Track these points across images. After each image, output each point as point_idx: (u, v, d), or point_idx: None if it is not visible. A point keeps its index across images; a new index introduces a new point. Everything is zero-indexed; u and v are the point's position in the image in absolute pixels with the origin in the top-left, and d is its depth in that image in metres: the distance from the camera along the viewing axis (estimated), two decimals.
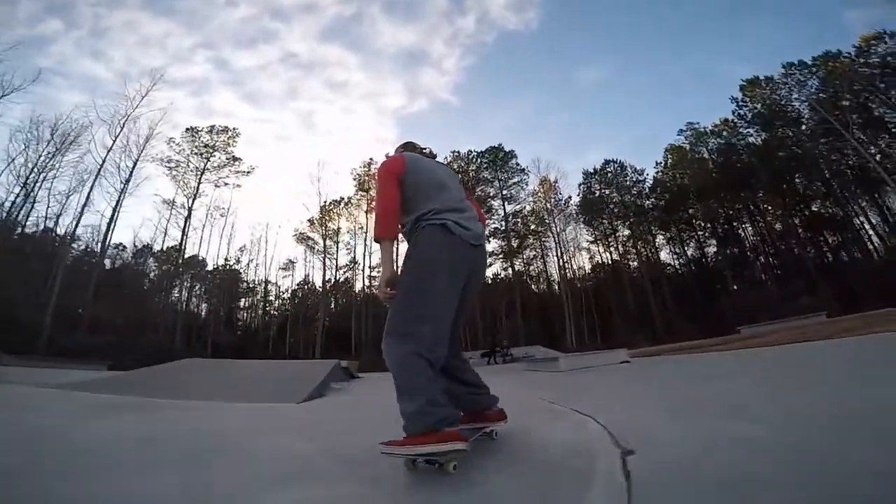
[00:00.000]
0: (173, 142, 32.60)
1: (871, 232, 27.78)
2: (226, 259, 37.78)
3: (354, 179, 40.14)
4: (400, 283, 1.56)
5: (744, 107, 32.68)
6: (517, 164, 38.50)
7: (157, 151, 31.02)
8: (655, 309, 31.19)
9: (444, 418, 1.38)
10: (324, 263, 36.02)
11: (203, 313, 38.04)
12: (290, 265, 39.78)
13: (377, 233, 1.61)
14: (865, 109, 27.56)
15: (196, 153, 33.11)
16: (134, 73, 52.72)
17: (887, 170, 24.18)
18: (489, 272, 39.05)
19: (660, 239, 37.04)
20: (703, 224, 35.84)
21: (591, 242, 37.83)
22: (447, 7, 63.31)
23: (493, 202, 38.60)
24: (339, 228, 39.32)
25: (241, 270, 39.52)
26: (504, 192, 38.10)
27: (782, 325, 16.37)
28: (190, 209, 31.36)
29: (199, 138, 34.01)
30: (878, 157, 25.44)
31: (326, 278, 36.56)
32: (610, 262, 37.78)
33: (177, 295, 32.83)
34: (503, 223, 37.77)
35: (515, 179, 38.36)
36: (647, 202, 37.27)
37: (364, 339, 32.93)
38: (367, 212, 39.01)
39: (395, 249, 1.73)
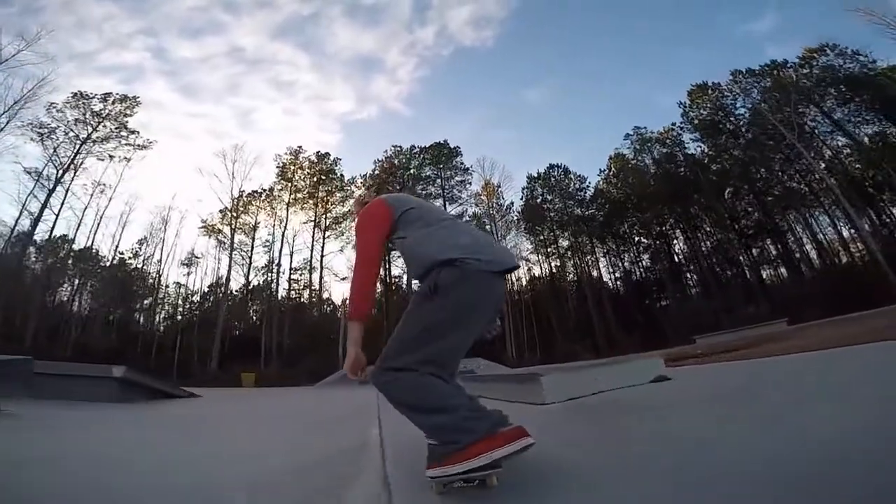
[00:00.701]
0: (53, 107, 26.39)
1: (808, 245, 28.44)
2: (119, 251, 31.41)
3: (277, 167, 35.63)
4: (416, 319, 1.37)
5: (690, 112, 33.00)
6: (461, 163, 36.26)
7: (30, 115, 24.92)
8: (597, 321, 29.91)
9: (496, 420, 1.25)
10: (230, 258, 30.93)
11: (86, 312, 31.37)
12: (192, 260, 33.85)
13: (350, 313, 1.48)
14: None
15: (82, 121, 27.01)
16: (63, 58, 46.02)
17: (813, 187, 24.86)
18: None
19: (599, 250, 36.24)
20: (640, 236, 35.60)
21: (531, 252, 36.13)
22: (409, 17, 62.39)
23: (434, 202, 35.86)
24: (256, 224, 34.39)
25: (140, 266, 33.06)
26: (446, 192, 35.57)
27: (739, 335, 15.10)
28: (57, 180, 25.19)
29: (89, 106, 27.94)
30: (820, 167, 26.13)
31: (229, 279, 31.47)
32: (549, 272, 36.37)
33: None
34: None
35: (458, 178, 36.05)
36: (588, 211, 36.42)
37: (276, 349, 28.29)
38: (288, 205, 34.57)
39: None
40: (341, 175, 36.93)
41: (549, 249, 35.98)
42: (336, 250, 34.55)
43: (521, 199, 36.81)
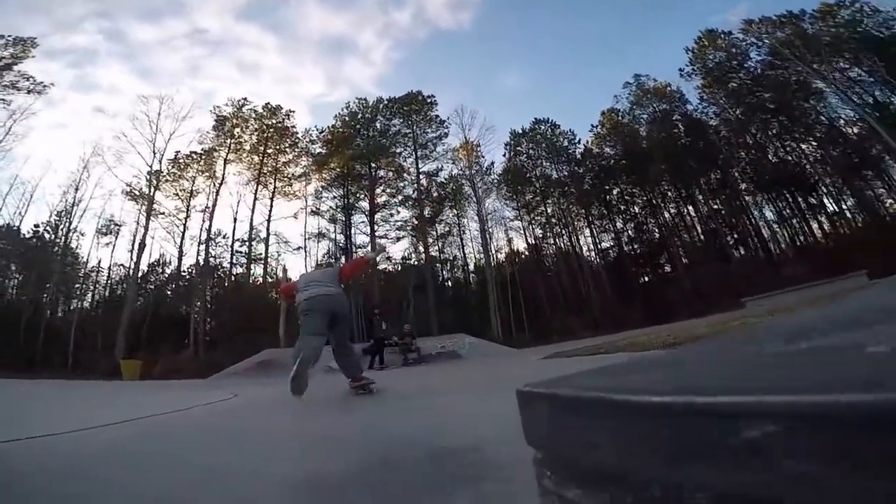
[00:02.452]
0: None
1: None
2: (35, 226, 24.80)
3: (216, 120, 29.50)
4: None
5: (696, 63, 29.26)
6: (436, 117, 31.30)
7: None
8: (594, 295, 25.95)
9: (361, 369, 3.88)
10: (146, 226, 25.01)
11: None
12: (111, 229, 27.43)
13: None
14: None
15: None
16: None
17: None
18: (396, 250, 31.15)
19: (588, 216, 32.06)
20: (635, 198, 31.79)
21: (515, 218, 31.64)
22: None
23: (404, 161, 30.86)
24: (193, 190, 28.17)
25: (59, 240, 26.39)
26: (419, 149, 30.58)
27: (813, 292, 11.22)
28: None
29: None
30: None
31: (143, 248, 25.55)
32: (534, 241, 32.12)
33: None
34: (414, 185, 30.17)
35: (433, 133, 31.10)
36: (579, 170, 32.16)
37: (205, 332, 22.87)
38: (226, 162, 28.67)
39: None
40: (294, 130, 31.33)
41: (532, 216, 31.66)
42: (289, 215, 29.13)
43: (505, 156, 32.21)
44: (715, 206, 29.17)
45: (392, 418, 2.46)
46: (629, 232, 31.97)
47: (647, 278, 30.20)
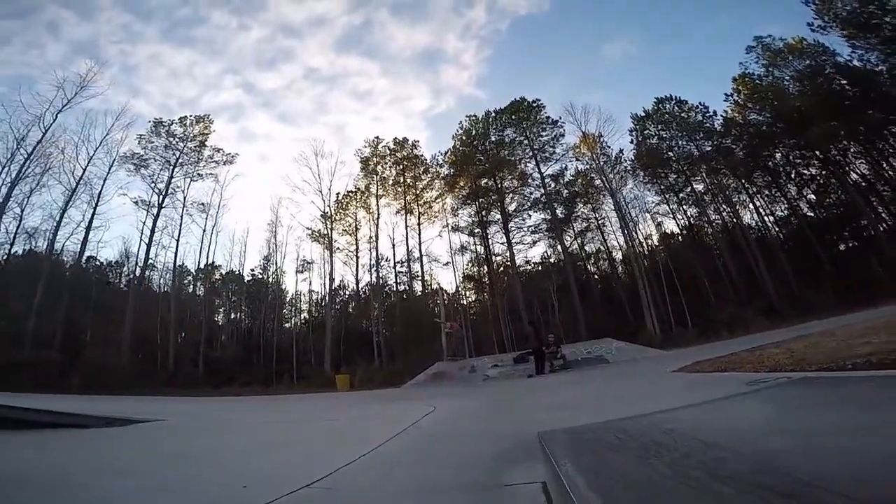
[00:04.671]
0: (143, 138, 27.95)
1: None
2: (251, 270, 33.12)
3: (360, 162, 34.21)
4: None
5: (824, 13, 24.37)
6: (547, 118, 31.45)
7: (125, 150, 26.74)
8: (768, 277, 23.28)
9: None
10: (331, 258, 30.33)
11: (220, 323, 33.92)
12: (306, 266, 34.09)
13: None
14: None
15: (170, 147, 28.26)
16: (173, 105, 55.35)
17: None
18: (534, 254, 32.35)
19: (747, 190, 28.59)
20: (808, 163, 27.29)
21: (660, 203, 29.92)
22: (453, 1, 60.80)
23: (525, 166, 31.70)
24: (357, 224, 33.20)
25: (267, 279, 34.26)
26: (537, 153, 31.11)
27: None
28: (160, 206, 26.49)
29: (170, 131, 29.10)
30: None
31: (332, 279, 30.89)
32: (688, 222, 29.90)
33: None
34: (541, 189, 30.77)
35: (547, 134, 31.32)
36: (724, 143, 28.94)
37: (385, 345, 26.99)
38: (377, 197, 32.99)
39: None
40: (423, 158, 34.65)
41: (680, 197, 29.51)
42: (434, 236, 32.41)
43: (632, 142, 30.78)
44: None
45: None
46: (808, 197, 27.64)
47: (838, 250, 25.70)
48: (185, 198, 28.07)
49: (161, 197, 26.85)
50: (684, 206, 29.34)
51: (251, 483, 1.96)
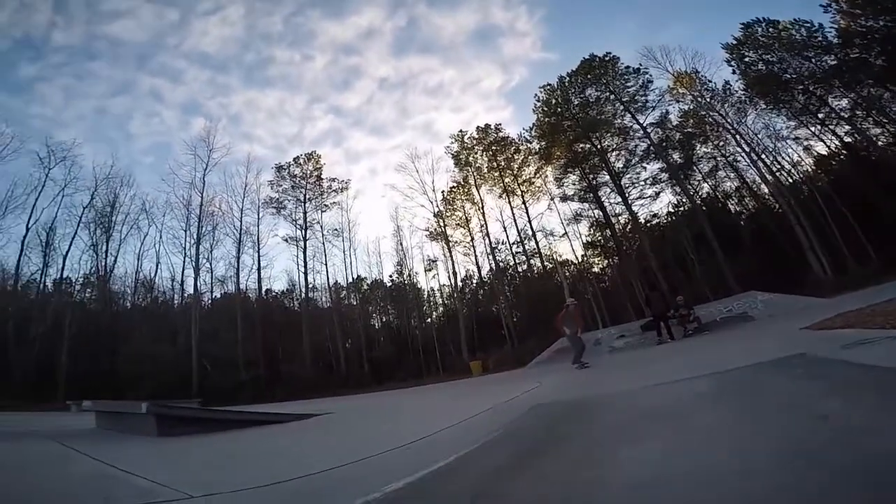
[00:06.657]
0: (273, 183, 33.43)
1: None
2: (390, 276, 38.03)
3: (452, 157, 35.51)
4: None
5: None
6: (627, 67, 28.70)
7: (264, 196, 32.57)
8: None
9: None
10: (450, 252, 32.50)
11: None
12: (432, 265, 37.19)
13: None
14: None
15: (296, 187, 33.41)
16: (283, 143, 61.40)
17: None
18: (659, 206, 29.93)
19: None
20: None
21: (796, 127, 24.90)
22: None
23: (622, 120, 29.35)
24: (467, 216, 34.80)
25: (403, 282, 38.31)
26: (629, 105, 28.67)
27: None
28: (305, 239, 31.71)
29: (290, 171, 34.14)
30: None
31: (455, 272, 32.97)
32: (840, 144, 24.34)
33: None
34: (646, 140, 28.21)
35: (632, 84, 28.73)
36: (850, 55, 22.52)
37: (514, 328, 28.08)
38: (477, 187, 34.01)
39: None
40: (511, 138, 34.70)
41: (820, 116, 24.14)
42: (543, 210, 32.40)
43: (734, 72, 26.22)
44: None
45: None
46: None
47: None
48: (322, 227, 33.11)
49: (303, 231, 32.26)
50: (830, 126, 23.84)
51: (384, 439, 3.35)
